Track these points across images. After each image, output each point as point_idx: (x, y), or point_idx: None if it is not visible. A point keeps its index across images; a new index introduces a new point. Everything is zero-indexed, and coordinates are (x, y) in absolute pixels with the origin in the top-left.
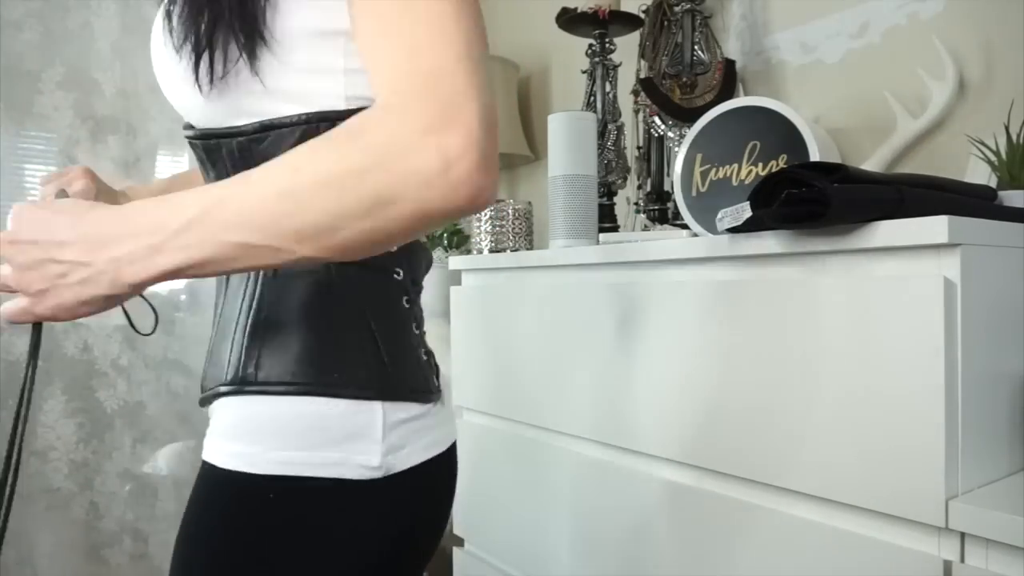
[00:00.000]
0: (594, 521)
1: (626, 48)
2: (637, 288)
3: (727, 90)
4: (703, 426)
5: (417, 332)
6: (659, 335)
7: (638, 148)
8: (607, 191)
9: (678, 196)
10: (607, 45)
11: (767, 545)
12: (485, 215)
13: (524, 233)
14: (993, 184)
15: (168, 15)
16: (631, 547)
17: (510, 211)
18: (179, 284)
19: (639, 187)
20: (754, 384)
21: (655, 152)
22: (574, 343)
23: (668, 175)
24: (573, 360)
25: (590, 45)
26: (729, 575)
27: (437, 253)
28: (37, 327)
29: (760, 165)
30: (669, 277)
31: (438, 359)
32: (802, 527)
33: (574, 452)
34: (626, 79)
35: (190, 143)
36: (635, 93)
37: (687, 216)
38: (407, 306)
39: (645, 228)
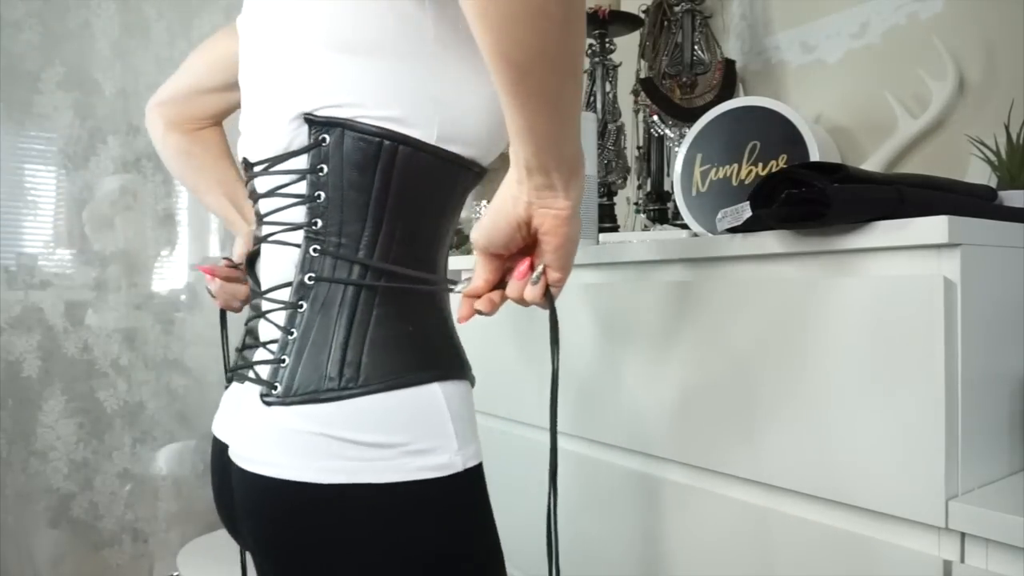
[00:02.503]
0: (593, 520)
1: (626, 48)
2: (636, 288)
3: (727, 90)
4: (699, 425)
5: (247, 325)
6: (657, 334)
7: (638, 148)
8: (607, 191)
9: (678, 196)
10: (607, 45)
11: (766, 544)
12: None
13: None
14: (993, 184)
15: None
16: (629, 545)
17: None
18: (179, 284)
19: (639, 187)
20: (752, 383)
21: (655, 152)
22: (572, 343)
23: (668, 175)
24: (572, 359)
25: (590, 45)
26: (727, 574)
27: None
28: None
29: (760, 165)
30: (669, 277)
31: None
32: (801, 527)
33: (573, 452)
34: (626, 79)
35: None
36: (635, 93)
37: (687, 216)
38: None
39: (645, 228)
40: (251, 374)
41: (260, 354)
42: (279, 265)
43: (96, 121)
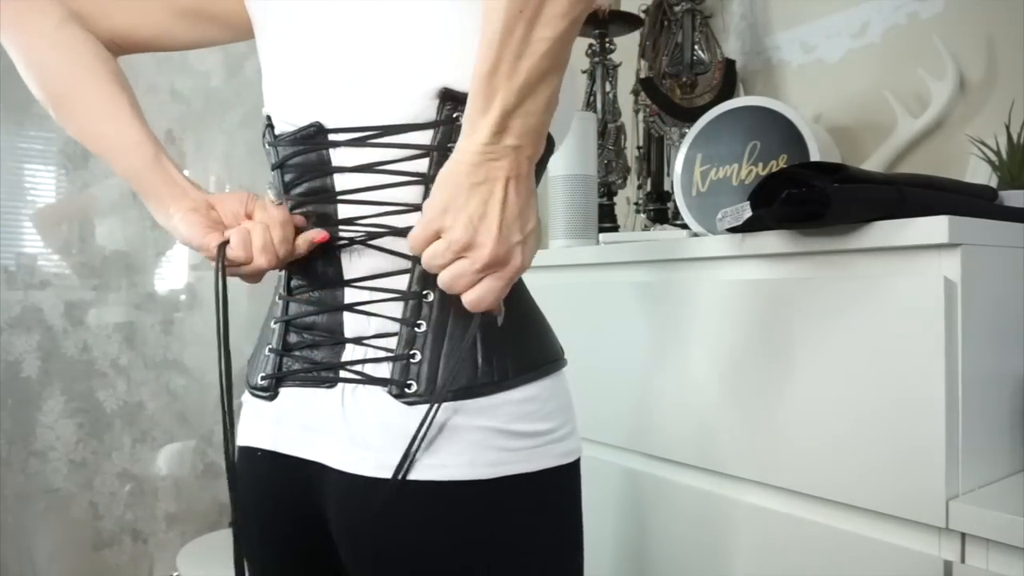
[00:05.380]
0: (592, 518)
1: (626, 48)
2: (636, 288)
3: (727, 90)
4: (700, 426)
5: (273, 326)
6: (657, 334)
7: (638, 148)
8: (607, 191)
9: (678, 196)
10: (607, 45)
11: (767, 545)
12: None
13: None
14: (993, 184)
15: None
16: (629, 545)
17: None
18: (179, 284)
19: (639, 187)
20: (752, 383)
21: (655, 152)
22: (572, 342)
23: (668, 175)
24: (572, 359)
25: (590, 45)
26: (728, 574)
27: None
28: None
29: (760, 165)
30: (668, 277)
31: None
32: (802, 527)
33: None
34: (626, 79)
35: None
36: (635, 93)
37: (687, 216)
38: (277, 301)
39: (645, 228)
40: (345, 375)
41: (358, 352)
42: (387, 250)
43: None
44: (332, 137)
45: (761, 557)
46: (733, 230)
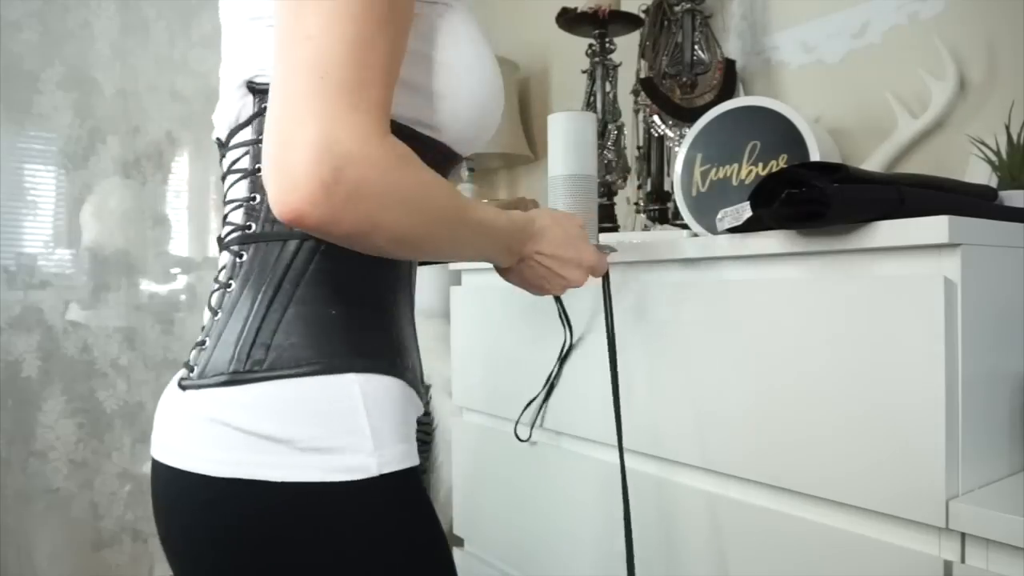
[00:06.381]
0: (594, 520)
1: (626, 48)
2: (636, 288)
3: (727, 90)
4: (701, 426)
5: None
6: (658, 335)
7: (638, 148)
8: (607, 191)
9: (678, 196)
10: (607, 45)
11: (766, 545)
12: None
13: None
14: (993, 184)
15: None
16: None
17: None
18: (179, 284)
19: (639, 187)
20: (752, 384)
21: (655, 152)
22: (573, 343)
23: (668, 175)
24: (572, 360)
25: (590, 45)
26: (726, 572)
27: None
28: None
29: (760, 165)
30: (669, 277)
31: (438, 359)
32: (802, 527)
33: (574, 452)
34: (626, 79)
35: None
36: (635, 93)
37: (687, 216)
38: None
39: (645, 228)
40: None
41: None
42: (225, 245)
43: (96, 121)
44: (222, 149)
45: (760, 557)
46: (733, 230)
